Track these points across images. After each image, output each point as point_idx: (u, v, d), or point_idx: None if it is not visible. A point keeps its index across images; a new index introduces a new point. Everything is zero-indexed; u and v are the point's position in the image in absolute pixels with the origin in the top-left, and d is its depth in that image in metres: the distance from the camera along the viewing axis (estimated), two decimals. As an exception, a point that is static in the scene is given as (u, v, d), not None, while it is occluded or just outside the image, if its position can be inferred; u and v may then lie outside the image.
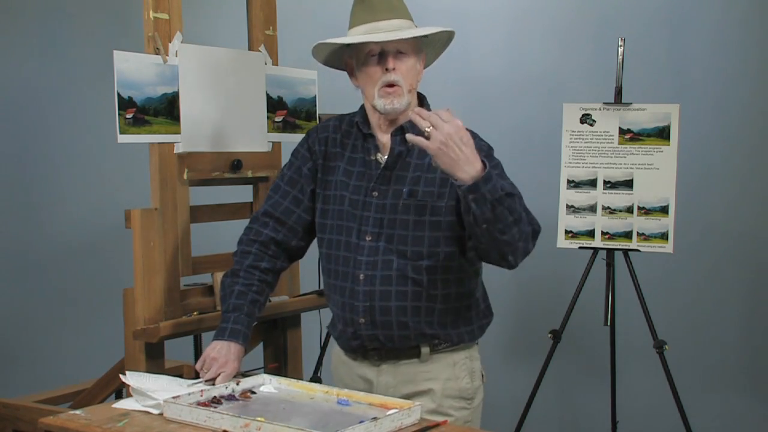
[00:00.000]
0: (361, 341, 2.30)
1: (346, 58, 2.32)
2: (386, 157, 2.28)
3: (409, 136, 2.00)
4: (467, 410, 2.32)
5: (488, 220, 2.02)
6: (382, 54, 2.21)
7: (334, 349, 2.45)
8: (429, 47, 2.33)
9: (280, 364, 3.03)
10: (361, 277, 2.25)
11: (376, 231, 2.25)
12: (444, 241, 2.23)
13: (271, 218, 2.40)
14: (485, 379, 2.41)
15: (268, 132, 2.94)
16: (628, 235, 3.54)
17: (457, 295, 2.28)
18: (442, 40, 2.34)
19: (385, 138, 2.30)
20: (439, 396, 2.28)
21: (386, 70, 2.21)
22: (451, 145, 1.94)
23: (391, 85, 2.22)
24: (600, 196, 3.57)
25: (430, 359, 2.29)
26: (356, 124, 2.34)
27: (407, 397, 2.23)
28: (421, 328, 2.25)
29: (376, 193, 2.26)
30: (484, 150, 2.23)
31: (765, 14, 3.91)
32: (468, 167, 1.96)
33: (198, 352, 2.99)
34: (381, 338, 2.27)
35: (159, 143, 2.62)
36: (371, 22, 2.22)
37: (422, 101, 2.34)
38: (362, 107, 2.34)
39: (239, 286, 2.36)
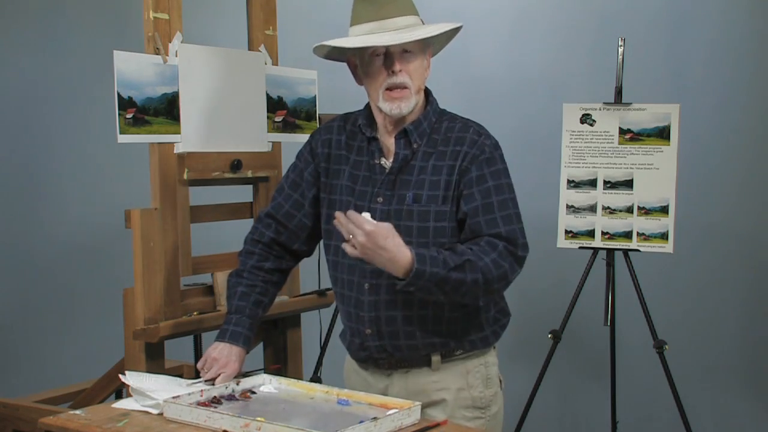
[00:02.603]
0: (369, 352, 2.25)
1: (349, 56, 2.25)
2: (390, 161, 2.22)
3: (343, 245, 2.05)
4: (481, 419, 2.25)
5: (440, 297, 2.09)
6: (387, 54, 2.14)
7: (347, 357, 2.40)
8: (435, 40, 2.25)
9: (281, 364, 3.03)
10: (366, 286, 2.20)
11: None
12: None
13: (273, 220, 2.37)
14: (503, 384, 2.33)
15: (268, 132, 2.94)
16: (628, 235, 3.54)
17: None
18: (448, 32, 2.25)
19: (389, 141, 2.24)
20: (451, 407, 2.22)
21: (392, 72, 2.14)
22: (369, 253, 2.01)
23: (397, 87, 2.15)
24: (600, 196, 3.57)
25: (442, 368, 2.23)
26: (359, 127, 2.27)
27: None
28: (429, 336, 2.20)
29: (381, 199, 2.20)
30: (486, 153, 2.17)
31: (765, 14, 3.91)
32: (394, 266, 2.02)
33: (198, 352, 2.99)
34: (389, 349, 2.22)
35: (159, 143, 2.62)
36: (376, 20, 2.15)
37: (428, 96, 2.27)
38: (367, 106, 2.28)
39: (242, 287, 2.34)
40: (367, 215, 2.04)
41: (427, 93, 2.28)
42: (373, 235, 2.00)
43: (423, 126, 2.21)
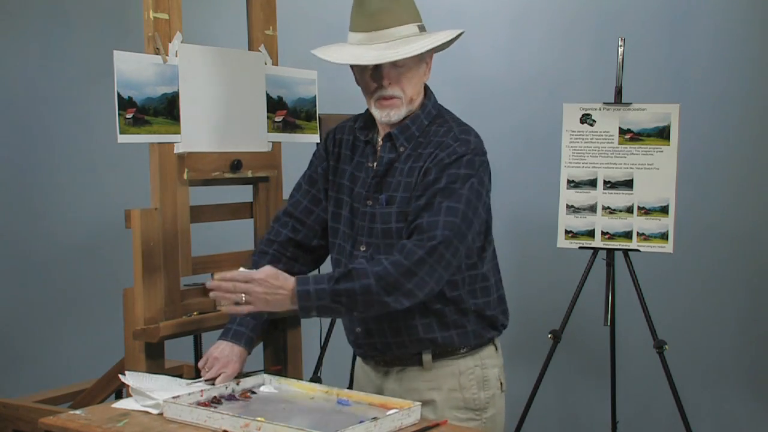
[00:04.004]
0: (363, 350, 2.29)
1: None
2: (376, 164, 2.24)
3: (237, 308, 2.08)
4: (476, 421, 2.24)
5: (346, 311, 2.08)
6: (377, 67, 2.13)
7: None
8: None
9: (281, 364, 3.03)
10: None
11: (370, 241, 2.21)
12: None
13: (291, 218, 2.39)
14: (504, 387, 2.32)
15: (268, 132, 2.94)
16: (628, 235, 3.54)
17: (452, 299, 2.20)
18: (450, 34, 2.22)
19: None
20: (441, 407, 2.22)
21: (381, 85, 2.14)
22: (269, 298, 2.06)
23: (386, 98, 2.16)
24: (600, 196, 3.57)
25: (434, 367, 2.23)
26: (355, 131, 2.29)
27: None
28: (416, 332, 2.20)
29: (370, 202, 2.23)
30: (452, 157, 2.12)
31: (765, 14, 3.91)
32: (291, 299, 2.06)
33: (198, 352, 2.99)
34: (378, 347, 2.25)
35: (159, 143, 2.62)
36: (368, 30, 2.13)
37: (426, 93, 2.26)
38: (368, 109, 2.29)
39: None
40: (242, 269, 2.11)
41: (428, 94, 2.27)
42: (266, 278, 2.06)
43: (411, 130, 2.21)
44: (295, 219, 2.38)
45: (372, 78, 2.16)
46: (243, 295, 2.06)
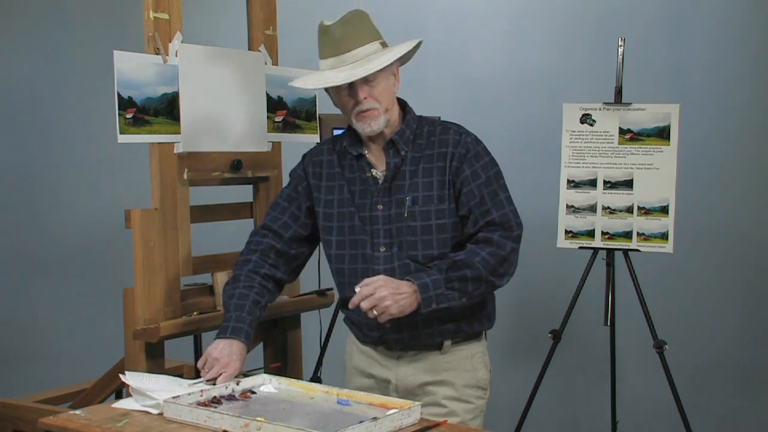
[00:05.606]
0: (387, 344, 2.39)
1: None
2: (383, 170, 2.35)
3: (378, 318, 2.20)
4: (483, 399, 2.44)
5: (460, 297, 2.23)
6: (351, 85, 2.27)
7: (350, 337, 2.51)
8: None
9: (281, 364, 3.03)
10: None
11: (388, 241, 2.32)
12: (452, 241, 2.31)
13: (269, 231, 2.47)
14: (492, 372, 2.49)
15: (268, 132, 2.94)
16: (628, 235, 3.54)
17: None
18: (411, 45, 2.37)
19: (377, 154, 2.37)
20: (460, 385, 2.37)
21: (358, 101, 2.28)
22: (391, 299, 2.16)
23: (365, 111, 2.28)
24: (600, 196, 3.57)
25: (450, 351, 2.38)
26: (345, 148, 2.40)
27: (426, 384, 2.35)
28: (444, 323, 2.33)
29: (380, 206, 2.33)
30: (471, 150, 2.32)
31: (765, 14, 3.91)
32: (410, 299, 2.19)
33: (198, 352, 2.99)
34: (406, 339, 2.35)
35: (159, 143, 2.62)
36: (336, 55, 2.28)
37: (404, 107, 2.40)
38: (349, 128, 2.40)
39: (240, 290, 2.39)
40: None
41: (403, 103, 2.42)
42: (385, 280, 2.18)
43: (407, 134, 2.37)
44: (274, 232, 2.46)
45: (349, 96, 2.30)
46: (373, 308, 2.17)
